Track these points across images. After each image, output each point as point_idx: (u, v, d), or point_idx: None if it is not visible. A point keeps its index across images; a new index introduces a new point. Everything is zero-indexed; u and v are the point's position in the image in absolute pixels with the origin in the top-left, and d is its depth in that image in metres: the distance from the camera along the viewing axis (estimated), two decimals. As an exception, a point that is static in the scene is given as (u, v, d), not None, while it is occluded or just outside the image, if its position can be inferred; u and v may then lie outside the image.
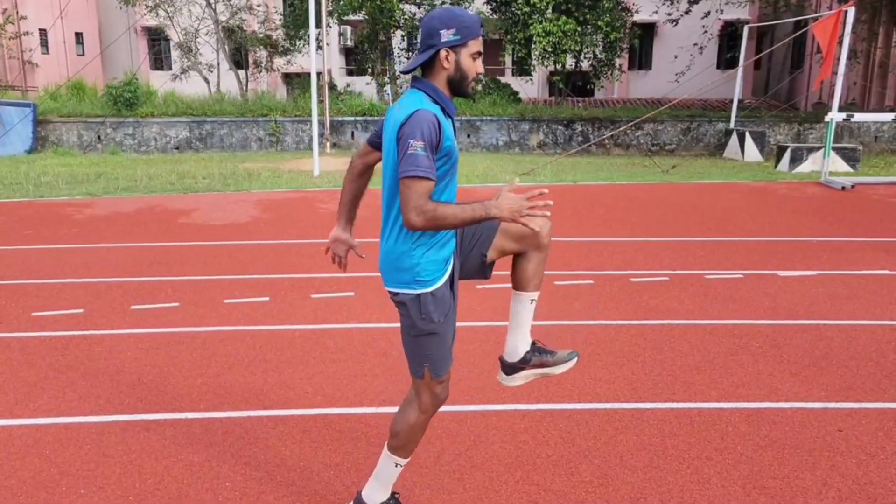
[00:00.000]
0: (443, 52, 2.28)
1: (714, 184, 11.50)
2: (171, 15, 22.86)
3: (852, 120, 13.81)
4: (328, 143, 16.93)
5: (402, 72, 2.86)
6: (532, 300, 2.61)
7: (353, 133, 18.14)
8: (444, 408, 3.58)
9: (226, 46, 23.05)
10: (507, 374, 2.67)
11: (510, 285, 2.63)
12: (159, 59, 31.70)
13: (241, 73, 24.11)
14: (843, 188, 10.61)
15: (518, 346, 2.65)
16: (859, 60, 21.03)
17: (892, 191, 10.61)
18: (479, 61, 2.34)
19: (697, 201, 9.96)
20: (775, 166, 13.36)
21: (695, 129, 18.09)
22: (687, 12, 21.28)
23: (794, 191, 10.75)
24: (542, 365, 2.64)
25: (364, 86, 23.35)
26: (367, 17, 20.31)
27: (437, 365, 2.45)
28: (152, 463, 3.09)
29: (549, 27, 18.36)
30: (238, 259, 6.78)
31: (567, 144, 18.04)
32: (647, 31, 28.58)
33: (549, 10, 18.77)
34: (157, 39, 30.66)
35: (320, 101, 15.77)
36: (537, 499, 2.84)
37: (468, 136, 18.29)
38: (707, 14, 21.49)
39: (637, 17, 23.16)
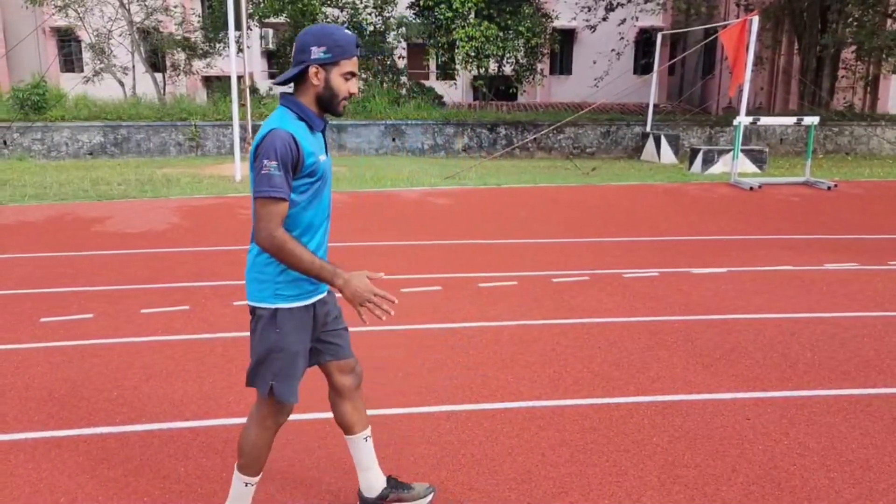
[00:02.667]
0: (312, 69, 2.27)
1: (632, 185, 11.88)
2: (81, 15, 21.91)
3: (759, 123, 14.53)
4: (250, 148, 16.61)
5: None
6: (366, 437, 2.69)
7: (276, 137, 17.84)
8: (370, 411, 3.59)
9: (141, 48, 22.29)
10: None
11: (436, 287, 2.66)
12: (70, 61, 30.32)
13: (159, 75, 23.35)
14: (751, 188, 11.15)
15: (373, 483, 2.73)
16: (765, 67, 22.14)
17: (795, 191, 11.22)
18: (354, 82, 2.34)
19: (616, 203, 10.27)
20: (689, 168, 13.91)
21: (614, 132, 18.64)
22: (604, 19, 21.94)
23: (705, 191, 11.22)
24: (400, 500, 2.75)
25: (287, 89, 22.99)
26: (288, 19, 20.05)
27: (283, 385, 2.41)
28: (64, 480, 2.97)
29: (472, 32, 18.58)
30: (155, 267, 6.58)
31: (491, 148, 18.29)
32: (567, 37, 29.29)
33: (472, 16, 19.00)
34: (67, 40, 29.32)
35: (242, 105, 15.42)
36: (462, 498, 2.88)
37: (393, 139, 18.29)
38: (623, 21, 22.20)
39: (557, 24, 23.70)
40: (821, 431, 3.39)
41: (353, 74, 2.32)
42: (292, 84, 2.35)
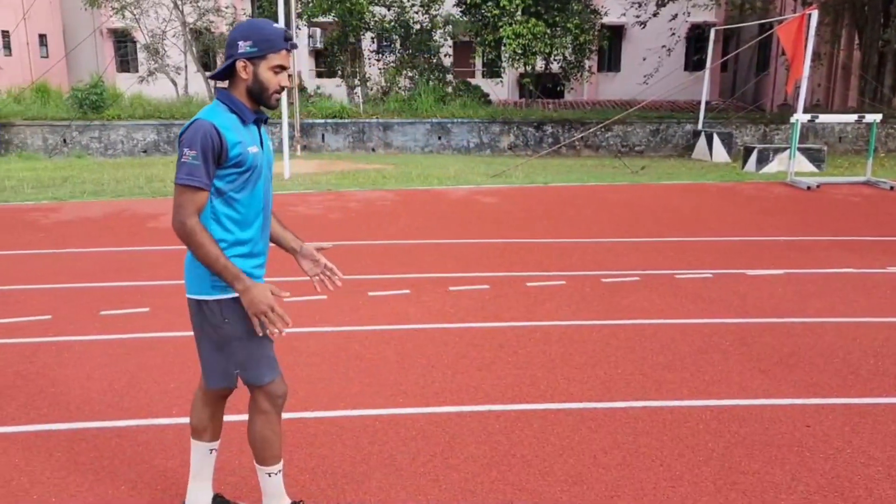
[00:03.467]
0: (240, 63, 2.29)
1: (683, 184, 11.66)
2: (137, 17, 22.52)
3: (817, 121, 14.11)
4: (299, 146, 16.83)
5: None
6: (269, 473, 2.56)
7: (323, 135, 18.06)
8: (418, 409, 3.59)
9: (194, 48, 22.79)
10: None
11: (484, 286, 2.63)
12: (126, 62, 31.21)
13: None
14: (809, 188, 10.83)
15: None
16: (823, 63, 21.48)
17: (856, 190, 10.86)
18: (284, 75, 2.34)
19: (666, 202, 10.09)
20: (742, 167, 13.59)
21: (663, 130, 18.32)
22: (655, 15, 21.55)
23: (761, 191, 10.95)
24: None
25: (334, 88, 23.24)
26: (336, 19, 20.24)
27: (253, 370, 2.41)
28: (125, 469, 3.05)
29: (519, 29, 18.46)
30: (209, 263, 6.71)
31: (537, 146, 18.16)
32: (616, 34, 28.90)
33: (519, 13, 18.88)
34: (123, 41, 30.19)
35: (290, 104, 15.68)
36: (513, 498, 2.86)
37: (439, 138, 18.32)
38: (674, 17, 21.79)
39: (606, 20, 23.40)
40: (886, 440, 3.27)
41: (282, 68, 2.33)
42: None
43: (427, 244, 7.49)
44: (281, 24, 12.64)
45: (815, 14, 12.03)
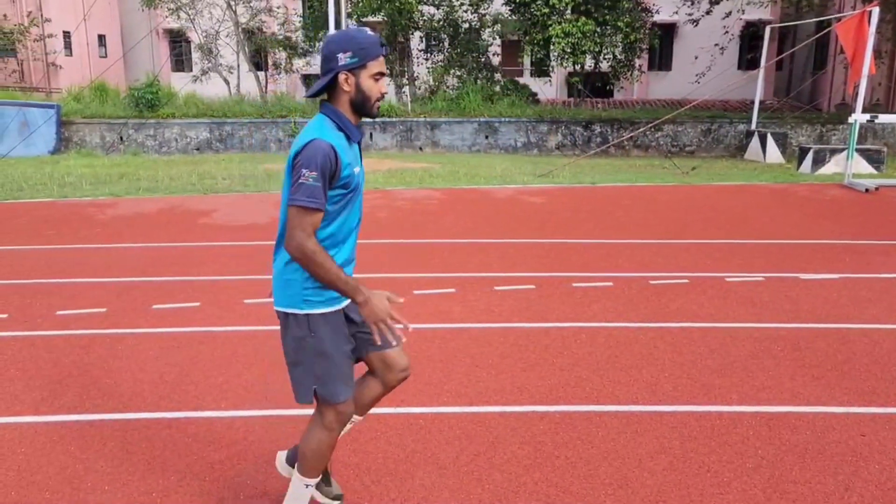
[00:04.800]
0: (341, 76, 2.27)
1: (735, 185, 11.41)
2: (192, 17, 23.06)
3: (876, 121, 13.64)
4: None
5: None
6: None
7: (371, 134, 18.21)
8: (462, 408, 3.60)
9: (246, 48, 23.22)
10: (289, 462, 2.71)
11: (530, 286, 2.61)
12: (180, 61, 32.00)
13: (261, 74, 24.27)
14: (867, 190, 10.47)
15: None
16: (884, 61, 20.74)
17: (917, 193, 10.47)
18: (383, 82, 2.33)
19: (717, 203, 9.88)
20: (797, 168, 13.22)
21: (715, 130, 17.95)
22: (708, 13, 21.11)
23: (816, 193, 10.63)
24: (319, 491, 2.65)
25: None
26: (385, 18, 20.38)
27: (330, 386, 2.41)
28: (175, 460, 3.13)
29: (569, 28, 18.30)
30: (258, 259, 6.83)
31: (586, 146, 17.99)
32: (667, 32, 28.39)
33: (569, 11, 18.71)
34: (178, 41, 30.95)
35: (339, 103, 15.81)
36: (556, 500, 2.84)
37: (486, 137, 18.29)
38: (728, 14, 21.31)
39: (657, 18, 23.02)
40: (947, 453, 3.14)
41: (381, 75, 2.32)
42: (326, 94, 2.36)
43: (473, 243, 7.49)
44: (331, 22, 12.80)
45: (875, 10, 11.62)
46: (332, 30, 13.08)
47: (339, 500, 2.72)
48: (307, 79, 28.91)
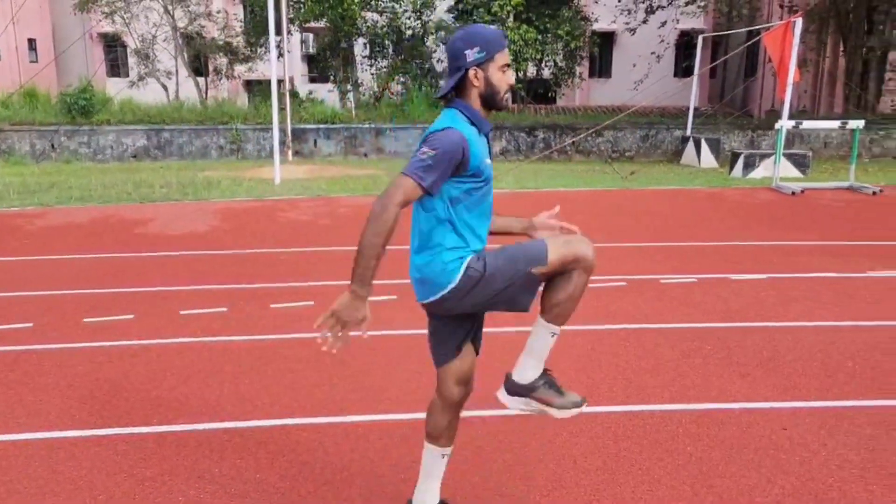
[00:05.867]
0: (471, 72, 2.32)
1: (671, 190, 11.73)
2: (127, 21, 22.49)
3: (801, 127, 14.21)
4: (290, 151, 16.82)
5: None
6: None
7: (315, 141, 18.06)
8: (403, 415, 3.61)
9: (184, 53, 22.77)
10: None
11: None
12: (116, 66, 31.12)
13: (201, 80, 23.83)
14: (793, 193, 10.91)
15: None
16: (809, 69, 21.64)
17: (839, 196, 10.95)
18: (510, 72, 2.38)
19: (655, 207, 10.15)
20: (729, 172, 13.67)
21: (653, 135, 18.42)
22: (644, 22, 21.69)
23: (746, 196, 11.02)
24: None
25: (326, 93, 23.26)
26: (328, 24, 20.27)
27: (534, 261, 2.38)
28: (103, 479, 3.05)
29: (511, 35, 18.54)
30: (196, 269, 6.71)
31: (529, 151, 18.22)
32: (607, 40, 29.04)
33: (511, 19, 18.97)
34: (113, 46, 30.11)
35: (281, 109, 15.68)
36: (493, 503, 2.87)
37: (430, 143, 18.32)
38: (664, 24, 21.92)
39: (596, 26, 23.53)
40: (861, 443, 3.30)
41: (508, 66, 2.37)
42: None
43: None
44: (271, 28, 12.64)
45: (799, 21, 12.15)
46: (272, 35, 12.90)
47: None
48: (249, 84, 28.51)
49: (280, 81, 14.42)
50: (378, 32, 20.74)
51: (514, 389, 2.53)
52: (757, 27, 19.44)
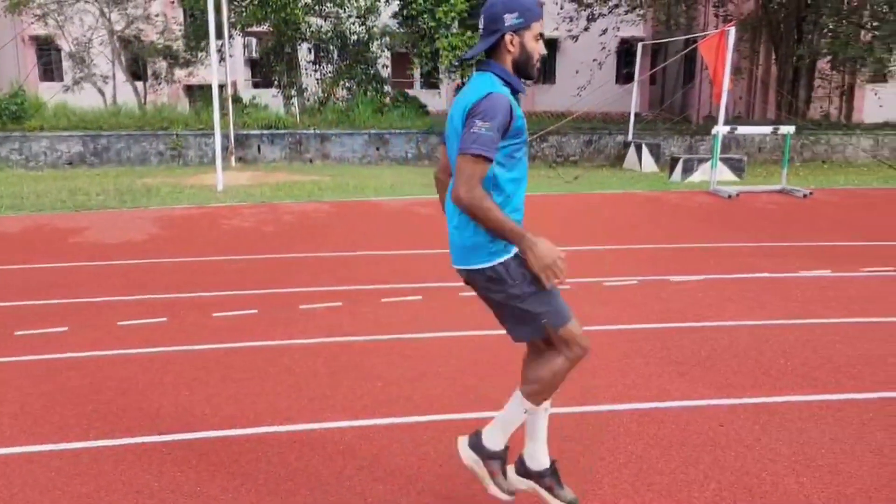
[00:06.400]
0: (508, 36, 2.35)
1: (614, 194, 11.98)
2: (61, 24, 21.79)
3: (737, 132, 14.70)
4: (233, 157, 16.55)
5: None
6: (525, 410, 2.66)
7: (259, 146, 17.80)
8: (347, 422, 3.60)
9: (122, 57, 22.18)
10: (518, 473, 2.74)
11: (417, 297, 2.66)
12: (49, 70, 30.07)
13: (140, 84, 23.24)
14: (730, 196, 11.27)
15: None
16: (743, 77, 22.41)
17: (772, 198, 11.36)
18: (542, 42, 2.41)
19: (598, 211, 10.34)
20: (669, 176, 14.03)
21: (596, 140, 18.77)
22: (586, 29, 22.12)
23: (685, 200, 11.33)
24: (550, 490, 2.70)
25: (270, 98, 22.96)
26: (272, 28, 20.03)
27: (554, 317, 2.48)
28: (36, 496, 2.94)
29: (455, 41, 18.66)
30: (134, 279, 6.54)
31: (474, 157, 18.31)
32: (550, 47, 29.47)
33: (455, 25, 19.08)
34: (46, 49, 29.11)
35: (224, 114, 15.42)
36: (437, 508, 2.88)
37: (377, 149, 18.30)
38: (605, 31, 22.39)
39: (539, 33, 23.81)
40: (792, 437, 3.44)
41: (542, 35, 2.40)
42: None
43: (361, 256, 7.48)
44: (212, 32, 12.43)
45: (732, 31, 12.57)
46: (213, 39, 12.68)
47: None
48: (191, 89, 27.92)
49: (222, 86, 14.19)
50: (322, 37, 20.59)
51: (477, 447, 2.72)
52: (694, 35, 20.06)
